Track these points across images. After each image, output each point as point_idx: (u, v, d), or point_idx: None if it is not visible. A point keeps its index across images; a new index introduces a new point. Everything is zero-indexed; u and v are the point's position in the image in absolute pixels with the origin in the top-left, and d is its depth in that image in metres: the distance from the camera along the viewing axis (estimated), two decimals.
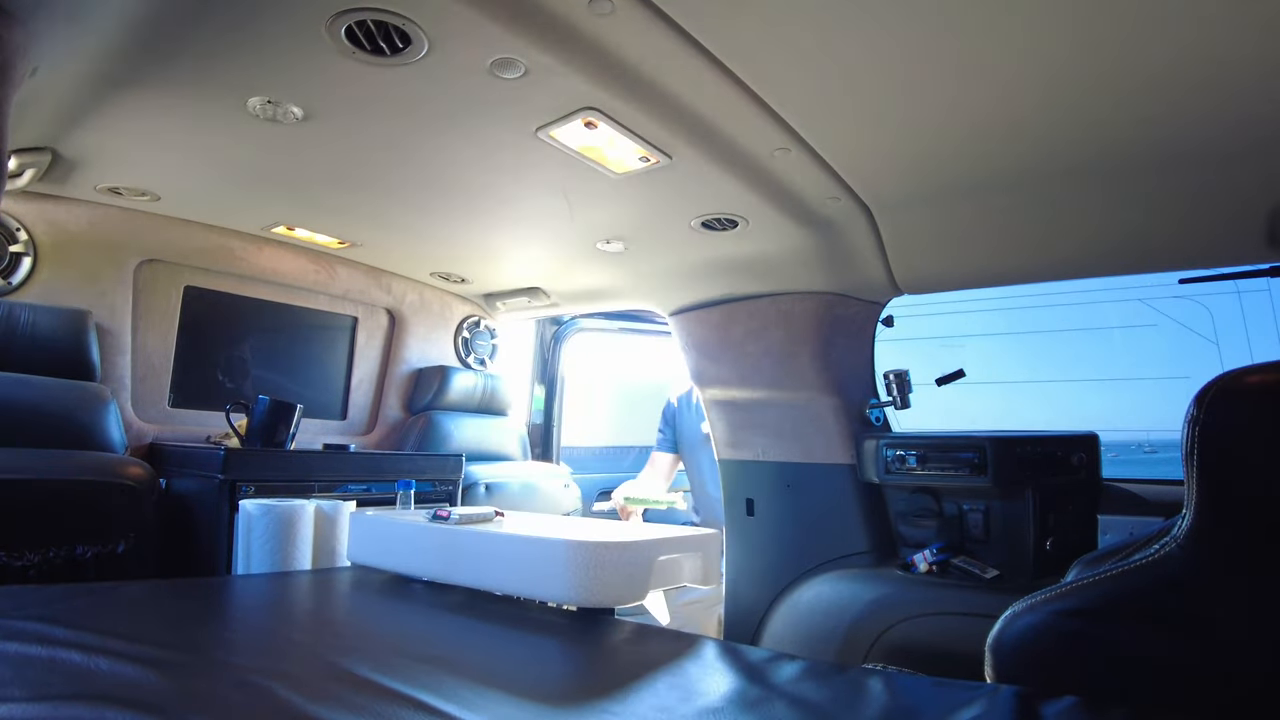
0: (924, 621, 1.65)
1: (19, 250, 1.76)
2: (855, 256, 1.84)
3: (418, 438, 2.52)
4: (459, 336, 2.82)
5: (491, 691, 0.75)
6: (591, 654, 0.97)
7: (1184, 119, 1.18)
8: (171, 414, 2.06)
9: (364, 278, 2.45)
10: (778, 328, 2.06)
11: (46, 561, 1.38)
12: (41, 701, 0.63)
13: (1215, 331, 5.99)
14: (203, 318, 2.14)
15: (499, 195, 1.67)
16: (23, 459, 1.43)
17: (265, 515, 1.41)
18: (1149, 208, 1.45)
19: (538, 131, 1.31)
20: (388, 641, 1.01)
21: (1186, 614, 0.73)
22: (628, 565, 1.06)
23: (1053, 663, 0.79)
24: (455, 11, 0.98)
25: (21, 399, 1.62)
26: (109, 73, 1.17)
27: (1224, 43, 0.98)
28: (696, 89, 1.18)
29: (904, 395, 2.03)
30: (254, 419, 1.84)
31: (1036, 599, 0.82)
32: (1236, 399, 0.70)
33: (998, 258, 1.76)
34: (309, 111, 1.29)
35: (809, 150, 1.39)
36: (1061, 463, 1.73)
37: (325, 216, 1.96)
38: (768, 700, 0.75)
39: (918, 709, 0.75)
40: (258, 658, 0.86)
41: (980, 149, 1.35)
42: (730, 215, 1.69)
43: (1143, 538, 0.81)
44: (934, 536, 1.88)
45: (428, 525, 1.27)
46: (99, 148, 1.51)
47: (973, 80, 1.12)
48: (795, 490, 2.12)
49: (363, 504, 1.65)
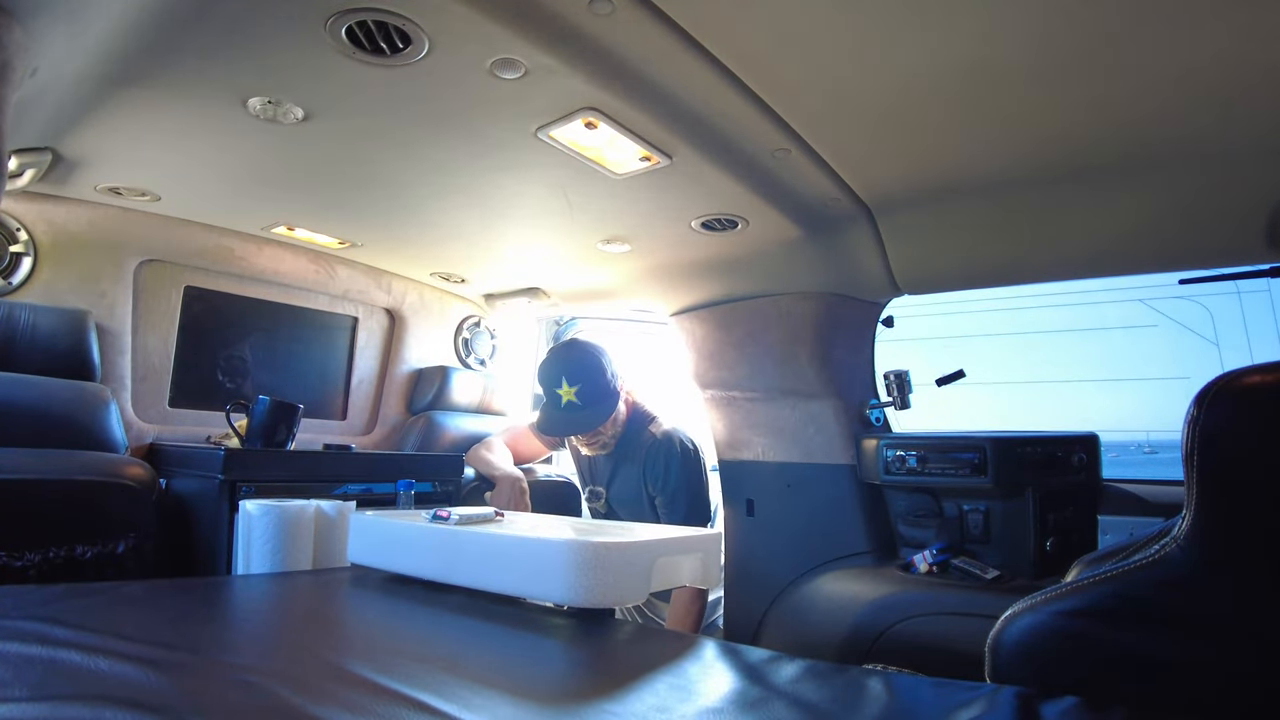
0: (924, 621, 1.65)
1: (19, 250, 1.76)
2: (855, 256, 1.84)
3: (418, 438, 2.52)
4: (459, 336, 2.82)
5: (491, 691, 0.75)
6: (591, 654, 0.97)
7: (1184, 119, 1.18)
8: (172, 414, 2.06)
9: (364, 278, 2.45)
10: (778, 328, 2.06)
11: (46, 561, 1.38)
12: (41, 701, 0.63)
13: (1215, 332, 6.00)
14: (203, 318, 2.14)
15: (499, 195, 1.67)
16: (23, 459, 1.43)
17: (265, 515, 1.41)
18: (1149, 208, 1.45)
19: (538, 131, 1.31)
20: (388, 641, 1.01)
21: (1186, 614, 0.73)
22: (628, 565, 1.06)
23: (1053, 663, 0.79)
24: (455, 11, 0.98)
25: (21, 399, 1.62)
26: (109, 73, 1.17)
27: (1224, 43, 0.98)
28: (696, 89, 1.18)
29: (904, 395, 2.03)
30: (254, 419, 1.84)
31: (1036, 599, 0.82)
32: (1236, 399, 0.69)
33: (998, 258, 1.76)
34: (309, 111, 1.29)
35: (809, 150, 1.39)
36: (1062, 463, 1.73)
37: (325, 216, 1.96)
38: (768, 700, 0.75)
39: (918, 709, 0.75)
40: (258, 658, 0.86)
41: (980, 149, 1.35)
42: (730, 215, 1.69)
43: (1143, 538, 0.81)
44: (934, 537, 1.88)
45: (428, 526, 1.27)
46: (99, 148, 1.51)
47: (973, 80, 1.12)
48: (795, 490, 2.13)
49: (363, 504, 1.65)
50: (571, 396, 2.04)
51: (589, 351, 2.12)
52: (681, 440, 2.12)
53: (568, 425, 2.10)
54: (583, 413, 2.05)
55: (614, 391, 2.08)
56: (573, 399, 2.04)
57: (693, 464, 2.12)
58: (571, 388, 2.04)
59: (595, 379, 2.05)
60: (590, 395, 2.04)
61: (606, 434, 2.11)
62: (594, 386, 2.05)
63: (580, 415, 2.06)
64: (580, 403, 2.04)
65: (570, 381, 2.05)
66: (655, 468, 2.10)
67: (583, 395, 2.04)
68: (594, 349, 2.14)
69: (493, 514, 1.39)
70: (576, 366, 2.07)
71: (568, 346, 2.23)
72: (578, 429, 2.09)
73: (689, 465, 2.11)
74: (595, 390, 2.05)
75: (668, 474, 2.08)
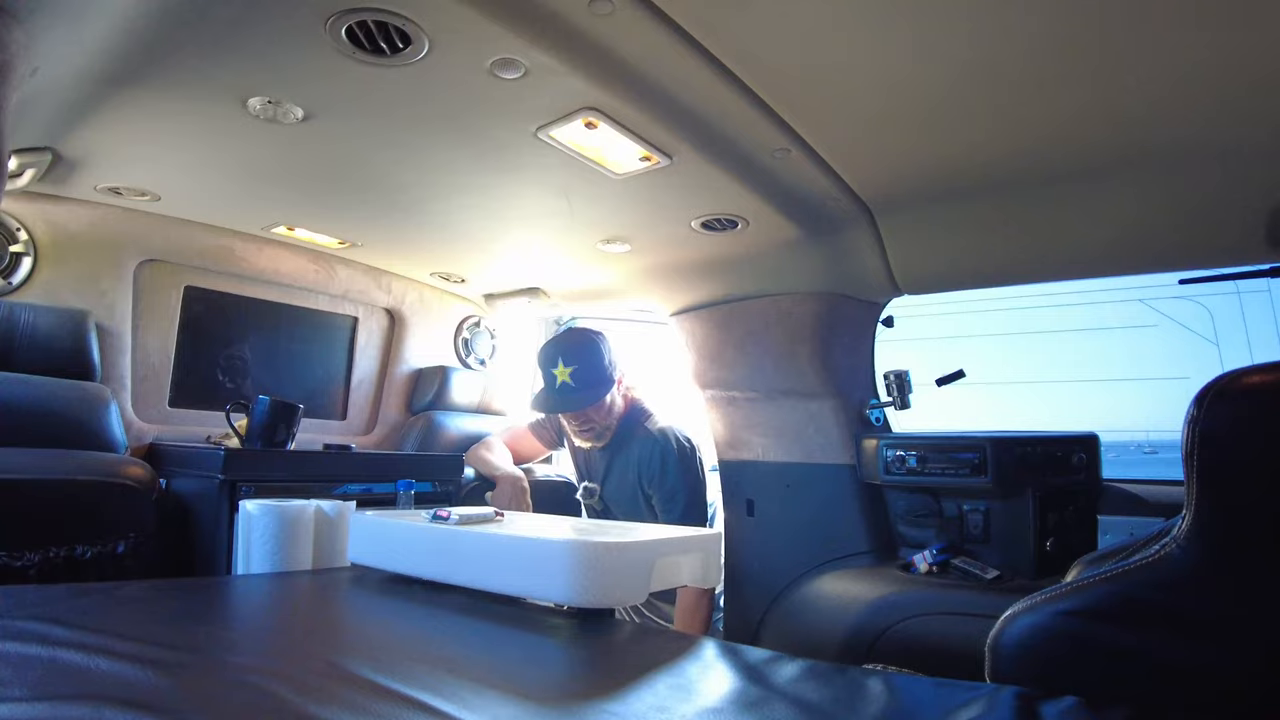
0: (924, 621, 1.65)
1: (19, 250, 1.76)
2: (855, 256, 1.84)
3: (418, 438, 2.52)
4: (459, 336, 2.82)
5: (491, 691, 0.75)
6: (591, 654, 0.97)
7: (1184, 119, 1.18)
8: (172, 414, 2.06)
9: (364, 278, 2.45)
10: (778, 328, 2.06)
11: (46, 561, 1.38)
12: (41, 701, 0.63)
13: (1215, 332, 5.99)
14: (203, 318, 2.14)
15: (499, 195, 1.67)
16: (23, 459, 1.43)
17: (265, 515, 1.40)
18: (1149, 208, 1.45)
19: (538, 132, 1.31)
20: (388, 641, 1.01)
21: (1186, 614, 0.73)
22: (628, 565, 1.06)
23: (1053, 663, 0.79)
24: (455, 11, 0.98)
25: (21, 399, 1.62)
26: (109, 73, 1.17)
27: (1224, 43, 0.98)
28: (696, 89, 1.18)
29: (904, 395, 2.03)
30: (254, 419, 1.84)
31: (1036, 599, 0.82)
32: (1236, 399, 0.70)
33: (998, 258, 1.77)
34: (309, 111, 1.29)
35: (809, 151, 1.39)
36: (1061, 463, 1.73)
37: (325, 216, 1.96)
38: (768, 700, 0.75)
39: (918, 709, 0.75)
40: (258, 658, 0.86)
41: (980, 149, 1.35)
42: (730, 215, 1.69)
43: (1143, 538, 0.81)
44: (934, 537, 1.88)
45: (428, 526, 1.27)
46: (99, 148, 1.51)
47: (973, 80, 1.12)
48: (795, 490, 2.13)
49: (363, 504, 1.65)
50: (566, 377, 2.05)
51: (588, 336, 2.13)
52: (678, 438, 2.12)
53: (559, 404, 2.09)
54: (576, 394, 2.05)
55: (609, 378, 2.08)
56: (567, 380, 2.04)
57: (689, 462, 2.12)
58: (567, 368, 2.05)
59: (591, 362, 2.06)
60: (584, 378, 2.04)
61: (599, 423, 2.11)
62: (589, 369, 2.05)
63: (573, 396, 2.05)
64: (574, 384, 2.04)
65: (566, 362, 2.05)
66: (651, 465, 2.09)
67: (577, 377, 2.04)
68: (593, 335, 2.15)
69: (493, 514, 1.39)
70: (574, 349, 2.08)
71: (568, 331, 2.25)
72: (568, 408, 2.09)
73: (686, 463, 2.10)
74: (590, 373, 2.05)
75: (664, 472, 2.07)
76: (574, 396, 2.05)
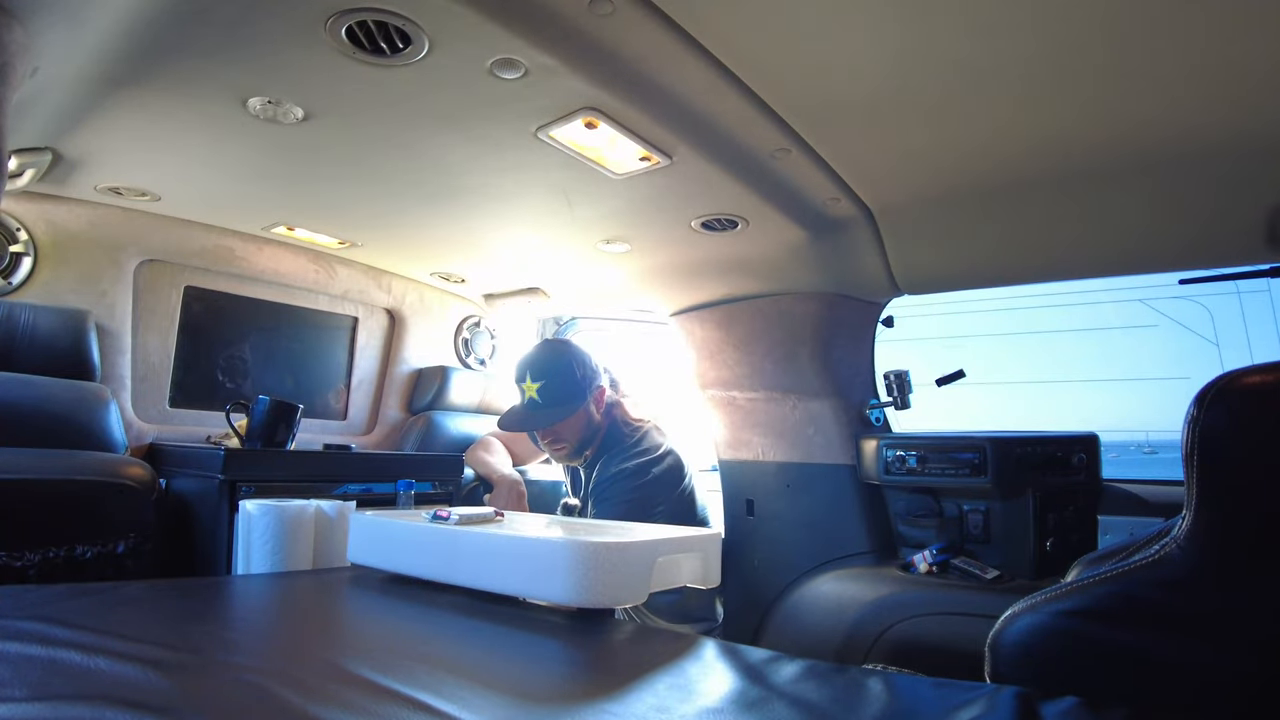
0: (924, 621, 1.65)
1: (19, 250, 1.76)
2: (855, 256, 1.84)
3: (418, 438, 2.52)
4: (459, 336, 2.82)
5: (491, 691, 0.75)
6: (591, 654, 0.97)
7: (1184, 119, 1.18)
8: (171, 414, 2.06)
9: (364, 278, 2.45)
10: (778, 328, 2.06)
11: (46, 561, 1.38)
12: (41, 701, 0.63)
13: (1215, 332, 5.99)
14: (203, 318, 2.14)
15: (499, 195, 1.67)
16: (23, 459, 1.43)
17: (265, 515, 1.41)
18: (1149, 208, 1.45)
19: (538, 131, 1.31)
20: (388, 641, 1.01)
21: (1186, 614, 0.73)
22: (628, 566, 1.06)
23: (1053, 663, 0.79)
24: (455, 11, 0.98)
25: (21, 399, 1.62)
26: (109, 73, 1.17)
27: (1224, 43, 0.98)
28: (696, 89, 1.18)
29: (904, 395, 2.03)
30: (254, 419, 1.84)
31: (1036, 599, 0.82)
32: (1236, 399, 0.69)
33: (998, 258, 1.77)
34: (309, 111, 1.29)
35: (809, 151, 1.39)
36: (1061, 463, 1.73)
37: (325, 216, 1.96)
38: (768, 700, 0.75)
39: (918, 709, 0.75)
40: (258, 658, 0.86)
41: (980, 149, 1.35)
42: (731, 216, 1.69)
43: (1143, 538, 0.81)
44: (934, 537, 1.88)
45: (428, 526, 1.27)
46: (99, 148, 1.51)
47: (973, 80, 1.12)
48: (795, 490, 2.12)
49: (363, 504, 1.65)
50: (533, 394, 2.00)
51: (558, 352, 2.07)
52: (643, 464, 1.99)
53: (523, 421, 2.04)
54: (541, 411, 1.99)
55: (579, 393, 2.01)
56: (534, 396, 2.00)
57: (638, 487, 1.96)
58: (534, 384, 2.00)
59: (560, 377, 2.00)
60: (552, 394, 1.99)
61: (570, 441, 2.02)
62: (558, 385, 1.99)
63: (538, 414, 2.00)
64: (540, 400, 1.99)
65: (534, 378, 2.01)
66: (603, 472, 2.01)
67: (544, 392, 1.99)
68: (565, 350, 2.07)
69: (492, 514, 1.39)
70: (540, 363, 2.03)
71: (540, 345, 2.18)
72: (534, 425, 2.04)
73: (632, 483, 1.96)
74: (557, 390, 1.99)
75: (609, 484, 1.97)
76: (541, 414, 2.00)
